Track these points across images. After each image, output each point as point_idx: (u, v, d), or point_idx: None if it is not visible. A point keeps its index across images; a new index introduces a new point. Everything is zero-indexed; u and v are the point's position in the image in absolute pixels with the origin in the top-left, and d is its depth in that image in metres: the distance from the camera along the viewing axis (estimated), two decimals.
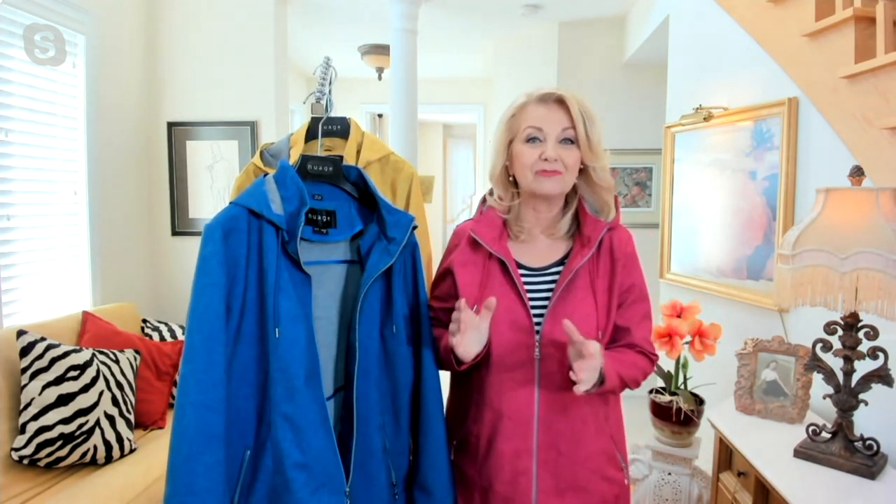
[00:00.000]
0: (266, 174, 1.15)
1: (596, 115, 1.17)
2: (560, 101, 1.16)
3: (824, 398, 1.47)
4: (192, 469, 0.96)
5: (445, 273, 1.26)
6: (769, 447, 1.52)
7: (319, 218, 1.16)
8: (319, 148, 1.30)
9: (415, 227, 1.21)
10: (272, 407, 1.04)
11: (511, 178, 1.23)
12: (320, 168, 1.19)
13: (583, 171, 1.19)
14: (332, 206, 1.19)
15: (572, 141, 1.15)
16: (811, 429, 1.45)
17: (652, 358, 1.22)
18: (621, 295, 1.19)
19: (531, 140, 1.16)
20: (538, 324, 1.15)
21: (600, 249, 1.19)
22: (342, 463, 1.09)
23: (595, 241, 1.17)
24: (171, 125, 3.20)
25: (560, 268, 1.19)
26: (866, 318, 1.35)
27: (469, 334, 1.09)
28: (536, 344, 1.14)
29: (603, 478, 1.18)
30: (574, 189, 1.22)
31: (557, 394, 1.14)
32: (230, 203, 1.08)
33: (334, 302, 1.18)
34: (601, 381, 1.07)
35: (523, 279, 1.18)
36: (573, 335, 1.05)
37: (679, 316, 1.96)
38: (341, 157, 1.22)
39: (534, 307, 1.16)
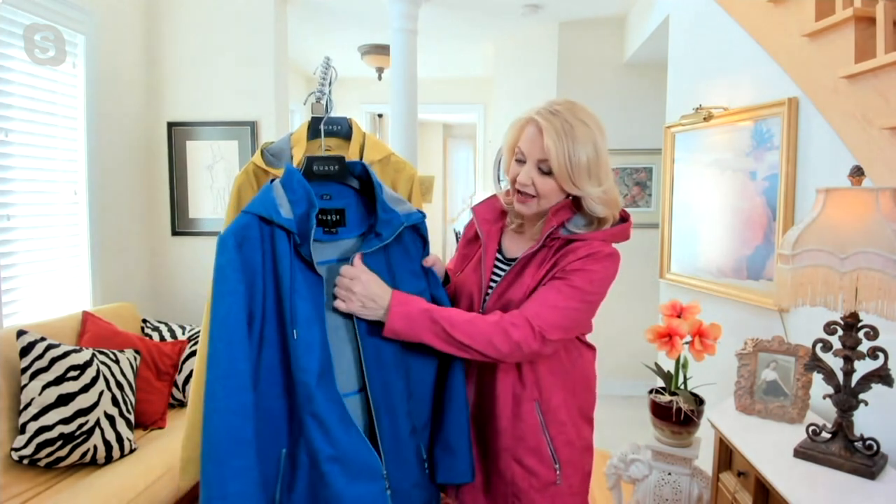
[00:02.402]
0: (273, 180, 1.16)
1: (589, 145, 1.13)
2: (541, 130, 1.15)
3: (824, 398, 1.47)
4: (223, 474, 0.98)
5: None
6: (769, 447, 1.52)
7: (329, 217, 1.18)
8: (323, 148, 1.30)
9: (420, 221, 1.22)
10: (299, 406, 1.06)
11: None
12: (326, 168, 1.19)
13: (577, 198, 1.21)
14: (342, 205, 1.20)
15: (548, 172, 1.16)
16: (811, 429, 1.45)
17: (530, 328, 1.10)
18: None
19: (518, 160, 1.22)
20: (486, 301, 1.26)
21: (566, 252, 1.19)
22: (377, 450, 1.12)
23: (542, 237, 1.20)
24: (171, 125, 3.20)
25: None
26: (866, 318, 1.35)
27: None
28: None
29: (515, 460, 1.21)
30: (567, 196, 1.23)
31: (487, 364, 1.22)
32: (241, 212, 1.09)
33: None
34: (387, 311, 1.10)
35: (499, 263, 1.30)
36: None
37: (679, 316, 1.96)
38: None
39: (492, 288, 1.27)
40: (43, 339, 2.01)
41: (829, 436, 1.42)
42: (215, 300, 1.04)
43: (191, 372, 2.54)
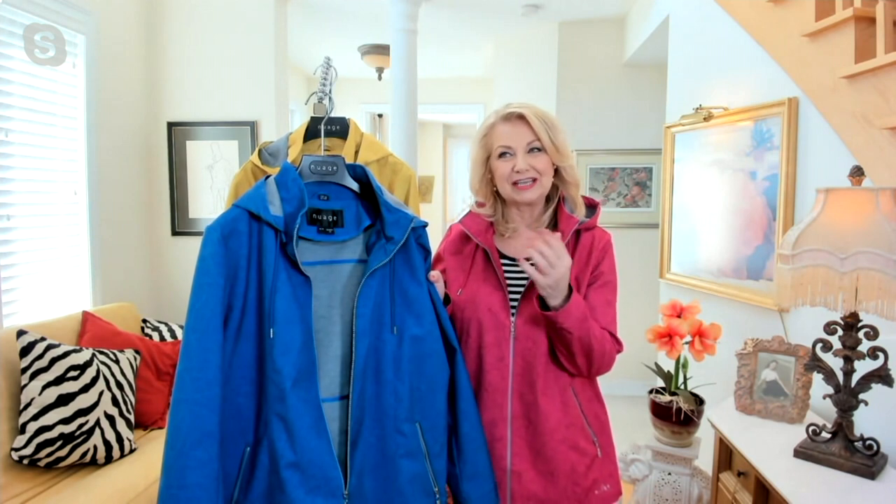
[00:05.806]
0: (268, 176, 1.15)
1: (557, 122, 1.29)
2: (521, 117, 1.28)
3: (824, 398, 1.47)
4: (184, 464, 0.98)
5: (435, 261, 1.40)
6: (769, 447, 1.52)
7: (325, 218, 1.16)
8: (322, 148, 1.30)
9: (423, 226, 1.20)
10: (267, 406, 1.05)
11: (494, 189, 1.35)
12: (324, 168, 1.19)
13: (556, 171, 1.32)
14: (340, 206, 1.19)
15: (539, 149, 1.27)
16: (811, 429, 1.45)
17: (615, 342, 1.30)
18: (590, 280, 1.30)
19: (503, 155, 1.29)
20: (514, 306, 1.28)
21: (578, 245, 1.31)
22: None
23: (567, 234, 1.28)
24: (171, 125, 3.20)
25: None
26: (866, 318, 1.35)
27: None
28: (512, 324, 1.27)
29: (571, 447, 1.27)
30: (556, 187, 1.34)
31: (528, 369, 1.26)
32: (233, 205, 1.09)
33: (340, 301, 1.15)
34: (567, 297, 1.18)
35: (505, 268, 1.30)
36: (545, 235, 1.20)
37: (679, 316, 1.96)
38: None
39: (511, 292, 1.29)
40: (43, 339, 2.01)
41: (829, 436, 1.42)
42: (194, 291, 1.04)
43: None
